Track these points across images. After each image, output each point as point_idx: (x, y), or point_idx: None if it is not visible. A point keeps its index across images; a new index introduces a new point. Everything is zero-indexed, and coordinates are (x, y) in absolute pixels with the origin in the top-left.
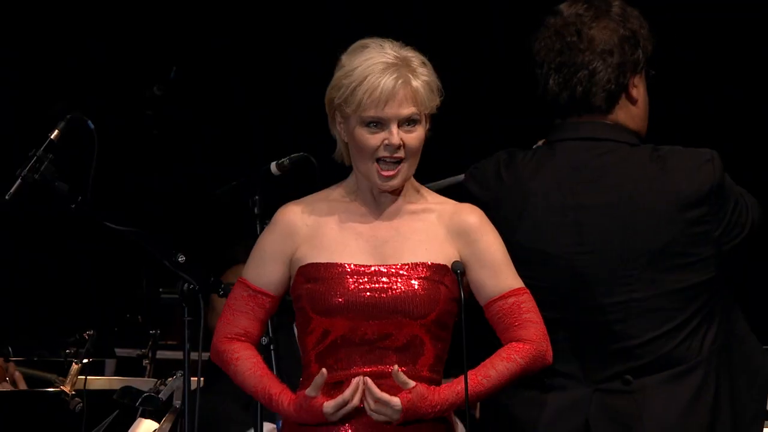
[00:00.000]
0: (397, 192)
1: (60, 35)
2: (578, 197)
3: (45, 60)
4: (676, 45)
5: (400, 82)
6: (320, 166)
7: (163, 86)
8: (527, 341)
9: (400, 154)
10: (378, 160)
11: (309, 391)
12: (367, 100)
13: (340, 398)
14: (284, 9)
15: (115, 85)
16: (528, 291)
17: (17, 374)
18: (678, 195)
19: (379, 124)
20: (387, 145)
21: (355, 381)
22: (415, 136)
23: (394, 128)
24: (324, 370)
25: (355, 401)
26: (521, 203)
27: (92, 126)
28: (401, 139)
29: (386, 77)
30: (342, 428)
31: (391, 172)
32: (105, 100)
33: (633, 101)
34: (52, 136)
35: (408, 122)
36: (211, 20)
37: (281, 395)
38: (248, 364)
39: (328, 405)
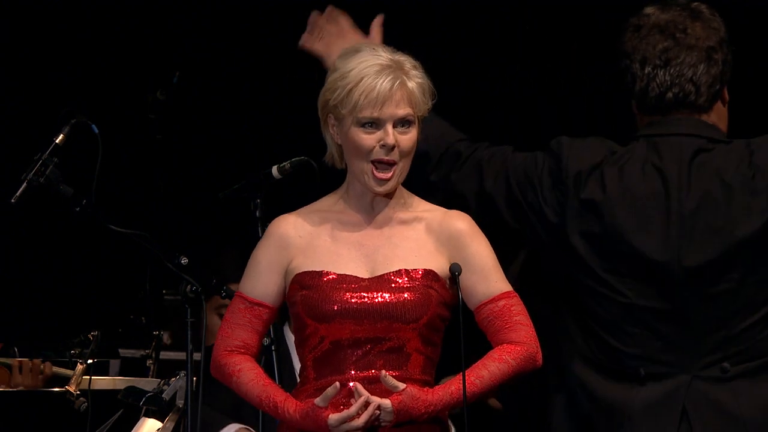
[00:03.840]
0: (388, 197)
1: (63, 39)
2: (681, 192)
3: (48, 64)
4: None
5: (396, 83)
6: (321, 170)
7: (166, 91)
8: (518, 343)
9: (395, 157)
10: (373, 162)
11: (318, 401)
12: (363, 101)
13: (345, 413)
14: (285, 13)
15: (119, 89)
16: (517, 294)
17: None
18: None
19: (374, 124)
20: (383, 145)
21: (362, 399)
22: (409, 137)
23: (390, 128)
24: (337, 383)
25: (361, 421)
26: (625, 196)
27: (96, 130)
28: (396, 140)
29: (382, 78)
30: None
31: (386, 175)
32: (109, 104)
33: (724, 102)
34: (56, 140)
35: (403, 123)
36: (213, 24)
37: (286, 402)
38: (251, 375)
39: (333, 417)
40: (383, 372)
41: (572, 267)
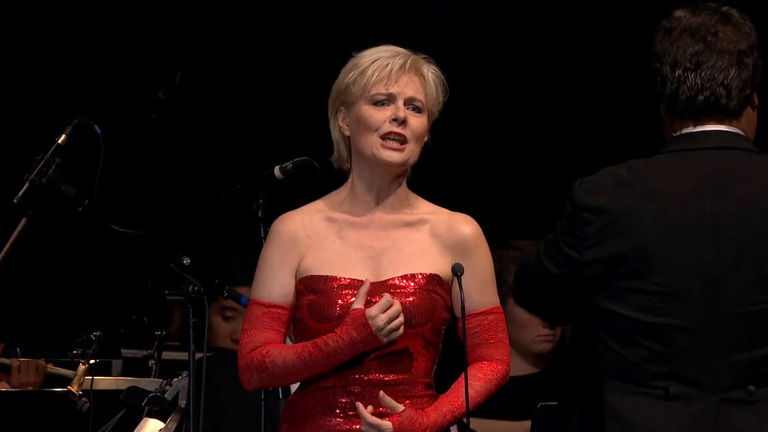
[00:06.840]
0: (393, 196)
1: (64, 39)
2: (715, 205)
3: (49, 64)
4: None
5: (409, 63)
6: (323, 171)
7: (167, 91)
8: (500, 361)
9: (406, 132)
10: (383, 137)
11: (355, 304)
12: (376, 77)
13: (383, 299)
14: (285, 13)
15: (120, 89)
16: (503, 311)
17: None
18: None
19: (386, 101)
20: (393, 119)
21: (387, 297)
22: (420, 121)
23: (401, 103)
24: (368, 279)
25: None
26: (653, 210)
27: (99, 130)
28: (407, 118)
29: (396, 58)
30: None
31: (396, 146)
32: (110, 104)
33: (754, 107)
34: (59, 141)
35: (413, 107)
36: (213, 24)
37: (324, 337)
38: (279, 348)
39: (371, 309)
40: (381, 393)
41: (596, 291)
